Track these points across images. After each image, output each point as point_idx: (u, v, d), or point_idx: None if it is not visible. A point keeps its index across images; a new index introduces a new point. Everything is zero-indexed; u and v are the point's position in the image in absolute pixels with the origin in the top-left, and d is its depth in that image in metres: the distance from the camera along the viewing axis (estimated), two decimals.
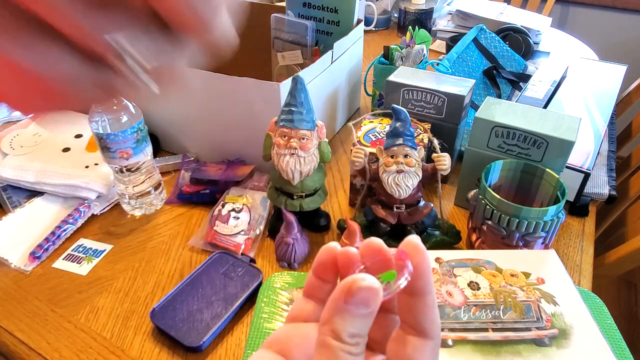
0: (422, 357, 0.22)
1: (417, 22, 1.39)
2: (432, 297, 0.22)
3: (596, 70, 0.99)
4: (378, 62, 0.93)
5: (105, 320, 0.55)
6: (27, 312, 0.56)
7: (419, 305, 0.22)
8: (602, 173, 0.79)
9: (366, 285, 0.20)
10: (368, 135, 0.70)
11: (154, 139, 0.81)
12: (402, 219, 0.60)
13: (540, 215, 0.54)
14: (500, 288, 0.49)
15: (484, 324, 0.45)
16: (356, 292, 0.20)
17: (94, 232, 0.68)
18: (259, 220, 0.67)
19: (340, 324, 0.20)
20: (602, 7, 1.98)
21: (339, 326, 0.20)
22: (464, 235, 0.66)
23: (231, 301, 0.55)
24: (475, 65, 1.00)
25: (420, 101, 0.74)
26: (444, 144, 0.73)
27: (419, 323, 0.22)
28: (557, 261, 0.53)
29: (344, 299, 0.20)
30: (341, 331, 0.20)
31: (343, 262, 0.23)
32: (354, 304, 0.20)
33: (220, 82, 0.70)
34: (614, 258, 0.82)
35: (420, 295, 0.22)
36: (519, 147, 0.62)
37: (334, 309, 0.20)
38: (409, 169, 0.57)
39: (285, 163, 0.57)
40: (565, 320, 0.45)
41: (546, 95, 0.85)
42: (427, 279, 0.22)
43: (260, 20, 1.06)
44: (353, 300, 0.20)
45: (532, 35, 1.25)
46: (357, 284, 0.20)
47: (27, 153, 0.75)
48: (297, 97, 0.57)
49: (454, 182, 0.78)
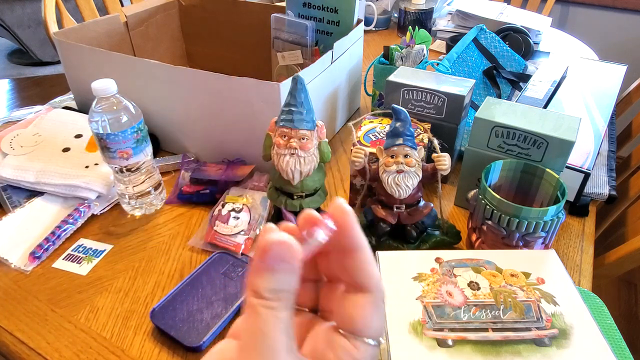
0: (362, 312, 0.23)
1: (417, 22, 1.39)
2: (364, 253, 0.24)
3: (596, 70, 0.99)
4: (378, 62, 0.93)
5: (105, 320, 0.55)
6: (27, 312, 0.56)
7: (351, 262, 0.23)
8: (602, 173, 0.79)
9: (276, 240, 0.21)
10: (368, 135, 0.70)
11: (154, 139, 0.81)
12: (402, 219, 0.60)
13: (540, 215, 0.54)
14: (500, 288, 0.49)
15: (484, 324, 0.45)
16: (269, 249, 0.21)
17: (94, 232, 0.68)
18: (259, 220, 0.67)
19: (258, 282, 0.21)
20: (602, 7, 1.98)
21: (258, 284, 0.21)
22: (464, 235, 0.66)
23: (231, 301, 0.55)
24: (475, 65, 1.00)
25: (420, 101, 0.74)
26: (444, 144, 0.73)
27: (354, 279, 0.24)
28: (557, 261, 0.53)
29: (259, 257, 0.21)
30: (259, 288, 0.21)
31: None
32: (269, 260, 0.21)
33: (220, 82, 0.70)
34: (614, 258, 0.82)
35: (351, 252, 0.23)
36: (519, 147, 0.62)
37: (253, 270, 0.21)
38: (409, 169, 0.57)
39: (285, 163, 0.57)
40: (565, 320, 0.45)
41: (546, 95, 0.85)
42: (353, 235, 0.23)
43: (260, 20, 1.06)
44: (267, 257, 0.21)
45: (532, 35, 1.25)
46: (268, 241, 0.21)
47: (27, 153, 0.75)
48: (297, 97, 0.57)
49: (454, 182, 0.78)
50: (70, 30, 0.87)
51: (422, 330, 0.44)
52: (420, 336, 0.44)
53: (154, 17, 1.07)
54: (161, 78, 0.76)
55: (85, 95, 0.90)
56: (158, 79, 0.76)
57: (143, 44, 1.05)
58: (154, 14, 1.07)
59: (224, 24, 1.12)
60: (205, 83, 0.72)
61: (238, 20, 1.10)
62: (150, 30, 1.07)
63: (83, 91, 0.90)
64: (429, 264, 0.52)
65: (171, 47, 1.16)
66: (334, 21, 0.92)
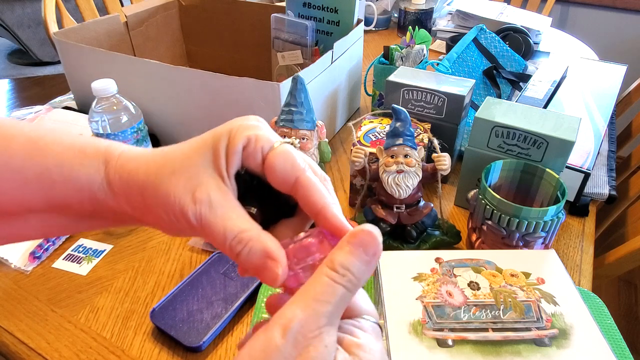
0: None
1: (417, 22, 1.39)
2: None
3: (596, 70, 0.99)
4: (378, 62, 0.93)
5: (105, 320, 0.55)
6: (27, 312, 0.56)
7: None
8: (602, 173, 0.79)
9: (368, 230, 0.23)
10: (368, 135, 0.70)
11: (154, 139, 0.81)
12: (402, 219, 0.60)
13: (540, 215, 0.54)
14: (501, 288, 0.49)
15: (484, 324, 0.45)
16: (358, 234, 0.23)
17: (94, 232, 0.68)
18: None
19: (337, 255, 0.23)
20: (602, 7, 1.98)
21: (335, 257, 0.23)
22: (464, 235, 0.66)
23: (231, 301, 0.55)
24: (475, 65, 1.00)
25: (420, 101, 0.74)
26: (444, 144, 0.73)
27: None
28: (557, 261, 0.53)
29: (347, 239, 0.24)
30: (334, 261, 0.23)
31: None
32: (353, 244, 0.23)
33: (220, 82, 0.70)
34: (614, 258, 0.82)
35: None
36: (519, 147, 0.62)
37: (336, 247, 0.24)
38: (409, 169, 0.57)
39: None
40: (565, 320, 0.45)
41: (546, 95, 0.85)
42: None
43: (260, 20, 1.06)
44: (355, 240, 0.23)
45: (532, 35, 1.25)
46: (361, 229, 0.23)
47: None
48: (297, 97, 0.57)
49: (454, 182, 0.78)
50: (70, 30, 0.87)
51: (422, 330, 0.44)
52: (420, 336, 0.44)
53: (154, 17, 1.07)
54: (161, 78, 0.76)
55: (85, 95, 0.90)
56: (158, 79, 0.76)
57: (143, 44, 1.05)
58: (154, 14, 1.07)
59: (224, 24, 1.12)
60: (205, 83, 0.72)
61: (238, 20, 1.10)
62: (150, 30, 1.07)
63: (83, 91, 0.90)
64: (429, 264, 0.52)
65: (171, 47, 1.16)
66: (334, 21, 0.92)
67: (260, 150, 0.26)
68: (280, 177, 0.26)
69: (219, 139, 0.26)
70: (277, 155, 0.26)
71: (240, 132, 0.26)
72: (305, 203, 0.26)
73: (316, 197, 0.25)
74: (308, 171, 0.26)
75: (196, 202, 0.25)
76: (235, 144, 0.26)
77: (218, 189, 0.25)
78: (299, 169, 0.26)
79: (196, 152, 0.26)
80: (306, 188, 0.25)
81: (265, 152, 0.26)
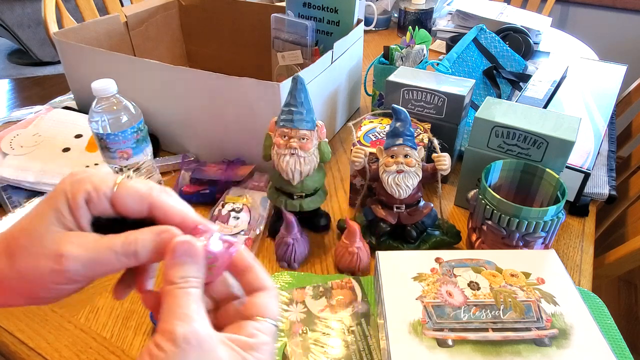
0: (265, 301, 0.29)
1: (417, 22, 1.39)
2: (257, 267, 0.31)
3: (596, 70, 0.99)
4: (378, 62, 0.93)
5: (105, 320, 0.55)
6: (27, 312, 0.56)
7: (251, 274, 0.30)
8: (602, 173, 0.79)
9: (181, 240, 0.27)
10: (368, 135, 0.70)
11: (154, 139, 0.81)
12: (402, 219, 0.60)
13: (540, 215, 0.54)
14: (500, 288, 0.49)
15: (484, 324, 0.45)
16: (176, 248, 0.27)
17: None
18: (259, 220, 0.67)
19: (170, 273, 0.27)
20: (602, 7, 1.98)
21: (170, 274, 0.27)
22: (464, 235, 0.66)
23: None
24: (475, 65, 1.00)
25: (420, 101, 0.74)
26: (444, 144, 0.73)
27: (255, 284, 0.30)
28: (557, 261, 0.53)
29: (170, 256, 0.27)
30: (172, 277, 0.27)
31: None
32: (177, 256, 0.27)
33: (220, 82, 0.70)
34: (614, 258, 0.82)
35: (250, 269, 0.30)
36: (519, 147, 0.62)
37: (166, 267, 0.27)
38: (409, 169, 0.57)
39: (285, 163, 0.57)
40: (565, 320, 0.45)
41: (546, 95, 0.85)
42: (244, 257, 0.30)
43: (260, 20, 1.06)
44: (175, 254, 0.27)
45: (532, 35, 1.25)
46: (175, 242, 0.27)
47: (27, 153, 0.75)
48: (297, 97, 0.57)
49: (454, 182, 0.78)
50: (70, 30, 0.87)
51: (422, 330, 0.44)
52: (420, 336, 0.44)
53: (154, 17, 1.07)
54: (161, 78, 0.76)
55: (85, 95, 0.90)
56: (158, 79, 0.76)
57: (143, 44, 1.05)
58: (154, 14, 1.07)
59: (224, 24, 1.12)
60: (205, 83, 0.72)
61: (238, 20, 1.10)
62: (150, 30, 1.07)
63: (83, 91, 0.90)
64: (429, 264, 0.52)
65: (171, 47, 1.16)
66: (334, 21, 0.92)
67: (104, 197, 0.28)
68: (135, 211, 0.29)
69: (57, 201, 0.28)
70: (122, 197, 0.29)
71: (78, 188, 0.28)
72: (165, 221, 0.29)
73: (174, 212, 0.29)
74: (155, 193, 0.29)
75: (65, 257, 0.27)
76: (77, 201, 0.28)
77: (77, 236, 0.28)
78: (146, 197, 0.29)
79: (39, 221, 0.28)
80: (160, 209, 0.29)
81: (109, 197, 0.28)
